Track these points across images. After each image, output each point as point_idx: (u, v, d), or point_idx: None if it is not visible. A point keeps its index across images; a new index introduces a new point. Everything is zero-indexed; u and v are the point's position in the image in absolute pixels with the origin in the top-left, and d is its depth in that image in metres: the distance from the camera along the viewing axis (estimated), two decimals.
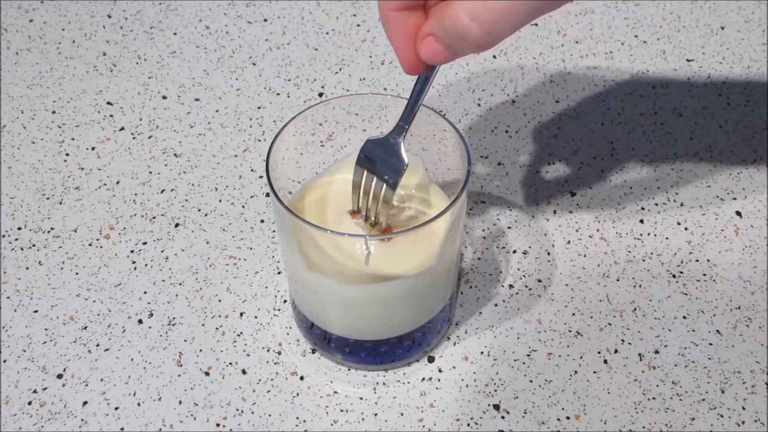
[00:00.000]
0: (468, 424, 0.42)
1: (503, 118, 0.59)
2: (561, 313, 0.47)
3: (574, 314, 0.47)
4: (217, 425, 0.42)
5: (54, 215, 0.53)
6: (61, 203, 0.54)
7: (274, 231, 0.52)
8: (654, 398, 0.43)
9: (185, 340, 0.46)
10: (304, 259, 0.40)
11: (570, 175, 0.55)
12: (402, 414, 0.43)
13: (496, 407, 0.43)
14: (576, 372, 0.44)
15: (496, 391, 0.44)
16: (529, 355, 0.45)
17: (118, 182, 0.55)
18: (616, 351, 0.45)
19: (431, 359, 0.45)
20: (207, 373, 0.44)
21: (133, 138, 0.58)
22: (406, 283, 0.40)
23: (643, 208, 0.53)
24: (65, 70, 0.64)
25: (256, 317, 0.47)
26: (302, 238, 0.40)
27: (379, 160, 0.40)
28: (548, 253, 0.50)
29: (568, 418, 0.43)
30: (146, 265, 0.50)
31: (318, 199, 0.44)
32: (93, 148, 0.58)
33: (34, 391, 0.44)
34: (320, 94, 0.62)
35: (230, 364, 0.45)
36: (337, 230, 0.39)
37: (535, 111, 0.60)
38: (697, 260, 0.50)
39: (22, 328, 0.47)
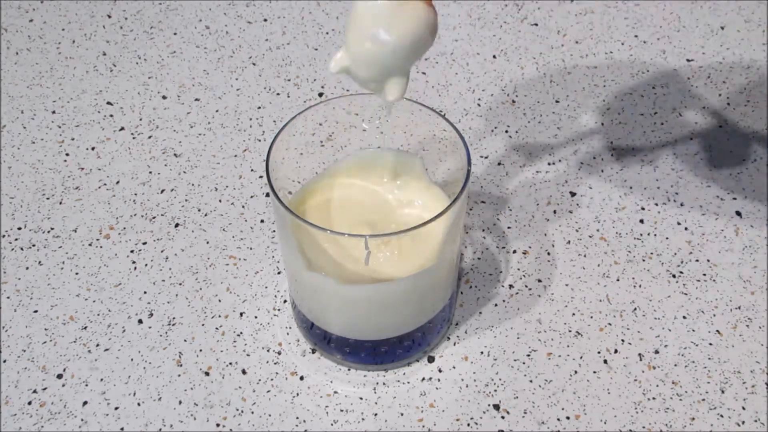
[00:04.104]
0: (468, 424, 0.42)
1: (503, 118, 0.59)
2: (561, 313, 0.47)
3: (574, 314, 0.47)
4: (217, 425, 0.42)
5: (54, 215, 0.53)
6: (61, 203, 0.54)
7: (274, 231, 0.52)
8: (654, 398, 0.43)
9: (185, 340, 0.46)
10: (304, 259, 0.40)
11: (570, 175, 0.55)
12: (402, 414, 0.43)
13: (496, 407, 0.43)
14: (576, 372, 0.44)
15: (496, 391, 0.44)
16: (529, 355, 0.45)
17: (118, 182, 0.55)
18: (616, 351, 0.45)
19: (431, 359, 0.45)
20: (207, 373, 0.44)
21: (133, 138, 0.58)
22: (406, 283, 0.40)
23: (643, 208, 0.53)
24: (65, 70, 0.64)
25: (256, 317, 0.47)
26: (302, 238, 0.40)
27: None
28: (548, 253, 0.50)
29: (568, 418, 0.43)
30: (146, 265, 0.50)
31: (321, 202, 0.44)
32: (93, 148, 0.58)
33: (34, 391, 0.44)
34: (320, 94, 0.62)
35: (230, 364, 0.45)
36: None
37: (535, 111, 0.60)
38: (697, 260, 0.50)
39: (22, 328, 0.47)
